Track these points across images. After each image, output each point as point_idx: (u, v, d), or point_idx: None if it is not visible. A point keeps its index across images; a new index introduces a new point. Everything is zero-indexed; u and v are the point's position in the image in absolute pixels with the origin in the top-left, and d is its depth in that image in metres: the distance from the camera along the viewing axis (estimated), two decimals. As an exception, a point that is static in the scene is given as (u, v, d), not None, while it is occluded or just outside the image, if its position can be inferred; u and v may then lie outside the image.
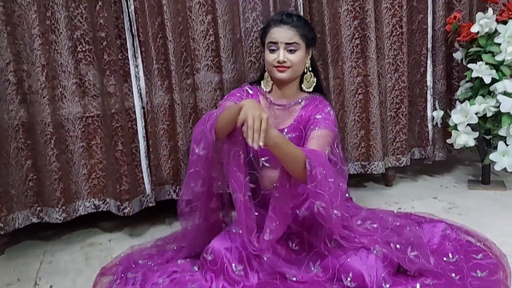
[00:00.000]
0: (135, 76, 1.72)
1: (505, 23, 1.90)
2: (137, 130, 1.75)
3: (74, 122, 1.70)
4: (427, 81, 2.10)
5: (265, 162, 1.50)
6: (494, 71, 1.87)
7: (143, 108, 1.75)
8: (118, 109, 1.69)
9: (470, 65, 1.90)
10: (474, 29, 1.90)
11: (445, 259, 1.44)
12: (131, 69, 1.71)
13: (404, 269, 1.34)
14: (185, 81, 1.80)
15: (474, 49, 1.93)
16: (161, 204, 1.88)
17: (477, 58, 1.94)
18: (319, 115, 1.45)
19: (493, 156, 1.90)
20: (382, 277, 1.27)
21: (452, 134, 1.95)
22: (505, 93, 1.86)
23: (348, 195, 1.62)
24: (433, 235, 1.54)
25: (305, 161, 1.22)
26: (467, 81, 2.02)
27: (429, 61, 2.09)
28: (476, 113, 1.88)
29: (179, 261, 1.48)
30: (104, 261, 1.60)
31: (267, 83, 1.53)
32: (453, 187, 2.12)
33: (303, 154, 1.24)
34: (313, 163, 1.23)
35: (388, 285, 1.27)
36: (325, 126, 1.41)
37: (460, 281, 1.33)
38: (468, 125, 1.91)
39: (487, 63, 1.88)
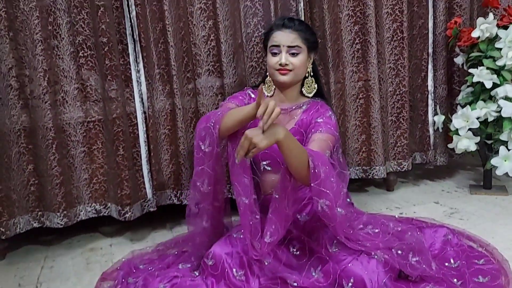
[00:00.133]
0: (137, 81, 1.73)
1: (506, 28, 1.90)
2: (138, 134, 1.75)
3: (75, 127, 1.70)
4: (428, 86, 2.10)
5: (266, 165, 1.50)
6: (495, 76, 1.87)
7: (145, 113, 1.75)
8: (119, 114, 1.69)
9: (471, 70, 1.90)
10: (474, 34, 1.90)
11: (446, 264, 1.44)
12: (132, 74, 1.72)
13: (405, 275, 1.33)
14: (187, 86, 1.80)
15: (475, 54, 1.94)
16: (162, 208, 1.88)
17: (478, 63, 1.94)
18: (320, 119, 1.45)
19: (494, 161, 1.89)
20: (383, 282, 1.26)
21: (453, 138, 1.95)
22: (506, 98, 1.86)
23: (349, 200, 1.62)
24: (435, 240, 1.53)
25: (308, 159, 1.23)
26: (468, 86, 2.02)
27: (430, 66, 2.09)
28: (477, 118, 1.88)
29: (180, 266, 1.48)
30: (105, 266, 1.60)
31: (268, 87, 1.54)
32: (454, 192, 2.12)
33: (307, 152, 1.26)
34: (316, 161, 1.23)
35: (389, 291, 1.26)
36: (326, 130, 1.41)
37: (461, 286, 1.32)
38: (469, 129, 1.91)
39: (488, 68, 1.88)
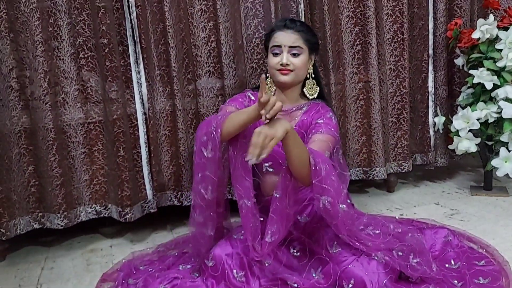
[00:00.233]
0: (137, 82, 1.73)
1: (506, 29, 1.90)
2: (138, 136, 1.75)
3: (76, 128, 1.70)
4: (428, 87, 2.10)
5: (268, 167, 1.50)
6: (495, 77, 1.87)
7: (145, 114, 1.75)
8: (120, 115, 1.69)
9: (471, 71, 1.90)
10: (475, 35, 1.90)
11: (447, 265, 1.43)
12: (133, 75, 1.72)
13: (406, 276, 1.33)
14: (187, 87, 1.80)
15: (475, 55, 1.94)
16: (163, 210, 1.88)
17: (478, 64, 1.94)
18: (321, 120, 1.45)
19: (495, 162, 1.89)
20: (383, 283, 1.26)
21: (453, 140, 1.94)
22: (507, 99, 1.86)
23: (349, 201, 1.62)
24: (435, 241, 1.53)
25: (309, 156, 1.23)
26: (468, 87, 2.02)
27: (431, 67, 2.09)
28: (477, 119, 1.88)
29: (180, 267, 1.48)
30: (105, 267, 1.60)
31: (269, 88, 1.54)
32: (455, 193, 2.12)
33: (307, 149, 1.26)
34: (316, 158, 1.24)
35: (389, 292, 1.26)
36: (327, 131, 1.41)
37: (462, 288, 1.32)
38: (469, 131, 1.90)
39: (488, 69, 1.88)
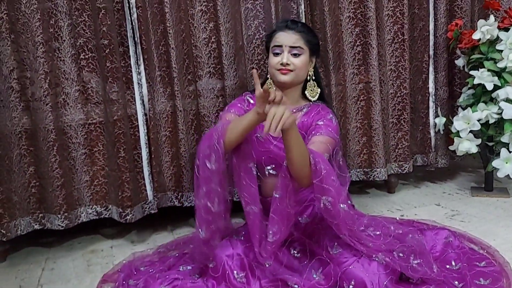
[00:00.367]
0: (138, 83, 1.73)
1: (507, 30, 1.90)
2: (139, 136, 1.75)
3: (76, 129, 1.70)
4: (429, 88, 2.10)
5: (271, 170, 1.50)
6: (496, 78, 1.87)
7: (146, 114, 1.75)
8: (120, 116, 1.69)
9: (472, 72, 1.90)
10: (475, 36, 1.90)
11: (448, 266, 1.43)
12: (133, 76, 1.72)
13: (406, 277, 1.33)
14: (187, 88, 1.80)
15: (476, 56, 1.94)
16: (163, 210, 1.88)
17: (479, 65, 1.94)
18: (321, 121, 1.45)
19: (496, 163, 1.89)
20: (384, 284, 1.26)
21: (454, 140, 1.94)
22: (507, 100, 1.86)
23: (350, 202, 1.62)
24: (436, 242, 1.53)
25: (309, 155, 1.23)
26: (469, 88, 2.02)
27: (431, 68, 2.09)
28: (478, 120, 1.88)
29: (181, 268, 1.48)
30: (106, 268, 1.60)
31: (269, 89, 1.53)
32: (455, 194, 2.12)
33: (308, 149, 1.27)
34: (316, 158, 1.25)
35: (390, 293, 1.26)
36: (326, 132, 1.41)
37: (463, 289, 1.32)
38: (470, 131, 1.90)
39: (489, 70, 1.88)
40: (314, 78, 1.53)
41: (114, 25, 1.65)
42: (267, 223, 1.36)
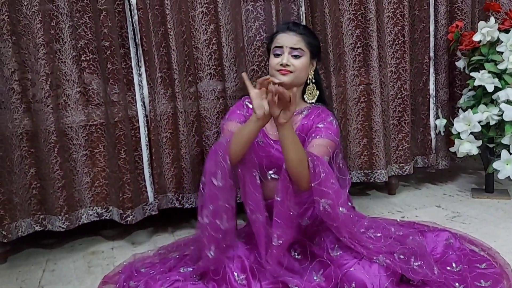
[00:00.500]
0: (139, 84, 1.73)
1: (507, 32, 1.90)
2: (140, 138, 1.75)
3: (77, 130, 1.71)
4: (429, 90, 2.10)
5: (273, 174, 1.50)
6: (496, 80, 1.87)
7: (146, 116, 1.75)
8: (121, 117, 1.70)
9: (472, 74, 1.90)
10: (476, 38, 1.90)
11: (448, 268, 1.43)
12: (134, 77, 1.72)
13: (407, 279, 1.33)
14: (188, 90, 1.81)
15: (476, 57, 1.94)
16: (164, 212, 1.88)
17: (479, 66, 1.94)
18: (321, 124, 1.45)
19: (496, 164, 1.89)
20: (385, 286, 1.26)
21: (455, 142, 1.94)
22: (508, 102, 1.86)
23: (350, 204, 1.62)
24: (437, 244, 1.53)
25: (307, 158, 1.23)
26: (469, 90, 2.02)
27: (432, 70, 2.09)
28: (479, 122, 1.88)
29: (182, 270, 1.48)
30: (106, 270, 1.60)
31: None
32: (456, 196, 2.12)
33: (307, 152, 1.27)
34: (315, 161, 1.25)
35: (391, 295, 1.26)
36: (326, 135, 1.41)
37: (463, 290, 1.32)
38: (471, 133, 1.90)
39: (489, 72, 1.88)
40: (313, 81, 1.53)
41: (115, 27, 1.66)
42: (271, 227, 1.36)
